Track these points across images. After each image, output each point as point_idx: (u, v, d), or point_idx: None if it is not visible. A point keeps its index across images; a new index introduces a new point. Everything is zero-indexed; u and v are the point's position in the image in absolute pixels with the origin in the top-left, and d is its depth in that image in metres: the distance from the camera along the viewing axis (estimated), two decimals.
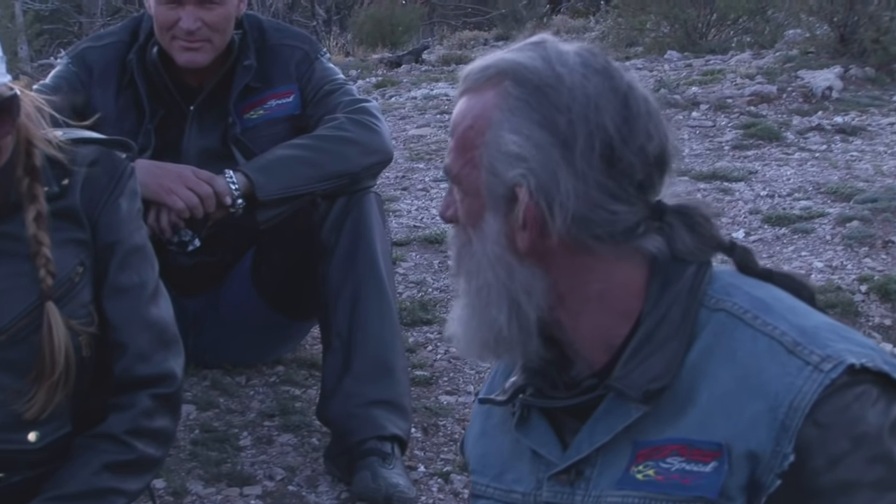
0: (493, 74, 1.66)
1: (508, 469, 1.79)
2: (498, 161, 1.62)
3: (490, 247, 1.64)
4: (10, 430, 2.39)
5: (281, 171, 3.37)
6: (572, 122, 1.61)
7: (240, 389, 3.88)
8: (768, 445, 1.52)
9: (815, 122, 7.25)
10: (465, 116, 1.68)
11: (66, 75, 3.53)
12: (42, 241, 2.35)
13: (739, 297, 1.64)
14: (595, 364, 1.68)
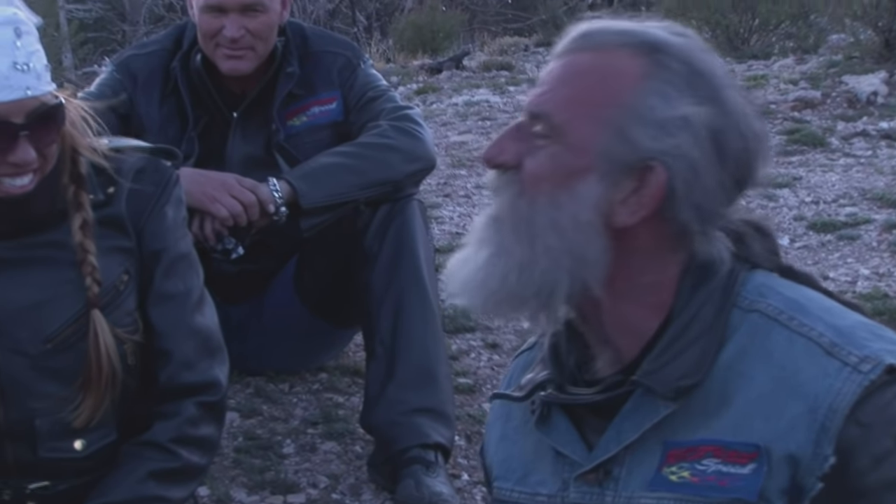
0: (635, 42, 1.61)
1: (532, 471, 1.77)
2: (638, 129, 1.57)
3: (582, 211, 1.58)
4: (57, 438, 2.40)
5: (324, 178, 3.37)
6: (725, 116, 1.59)
7: (283, 397, 3.89)
8: (808, 447, 1.50)
9: (860, 128, 7.20)
10: (591, 72, 1.62)
11: (111, 83, 3.55)
12: (88, 249, 2.36)
13: (773, 297, 1.62)
14: (623, 355, 1.66)
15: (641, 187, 1.58)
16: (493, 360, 4.20)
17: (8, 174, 2.26)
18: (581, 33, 1.66)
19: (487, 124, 8.48)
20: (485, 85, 10.48)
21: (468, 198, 6.22)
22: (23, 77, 2.19)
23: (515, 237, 1.62)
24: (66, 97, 2.36)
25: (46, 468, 2.42)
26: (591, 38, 1.64)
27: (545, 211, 1.60)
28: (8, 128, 2.21)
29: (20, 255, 2.37)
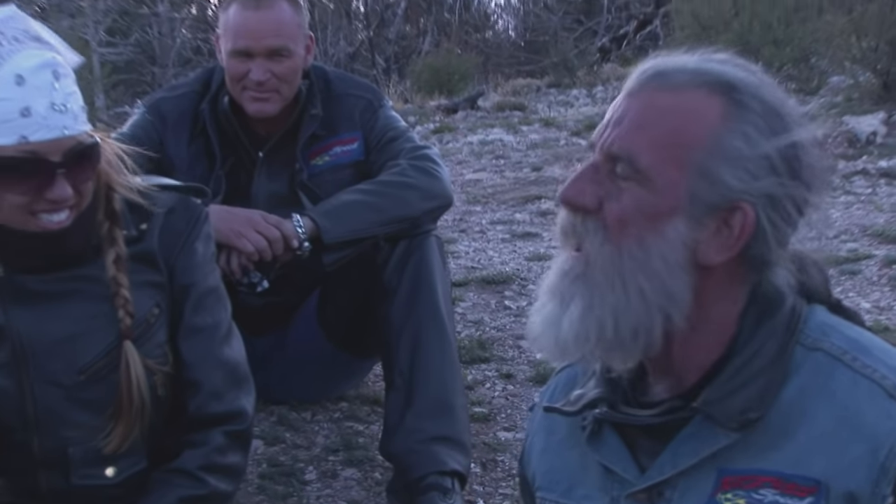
0: (710, 82, 1.58)
1: (577, 485, 1.75)
2: (724, 170, 1.54)
3: (670, 252, 1.56)
4: (90, 465, 2.41)
5: (345, 215, 3.38)
6: (799, 154, 1.57)
7: (305, 425, 3.89)
8: (867, 487, 1.49)
9: (859, 167, 7.20)
10: (671, 112, 1.57)
11: (143, 124, 3.57)
12: (121, 282, 2.37)
13: (836, 337, 1.60)
14: (683, 383, 1.64)
15: (726, 226, 1.56)
16: (507, 389, 4.20)
17: (45, 210, 2.26)
18: (655, 72, 1.62)
19: (501, 162, 8.50)
20: (498, 124, 10.51)
21: (483, 233, 6.23)
22: (60, 117, 2.20)
23: (608, 285, 1.58)
24: (101, 138, 2.37)
25: (79, 495, 2.43)
26: (666, 78, 1.60)
27: (634, 254, 1.57)
28: (46, 166, 2.21)
29: (56, 288, 2.38)
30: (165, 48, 24.05)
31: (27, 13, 2.33)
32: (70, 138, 2.23)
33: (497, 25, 29.89)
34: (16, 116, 2.17)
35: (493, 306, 4.96)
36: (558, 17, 24.28)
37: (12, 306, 2.36)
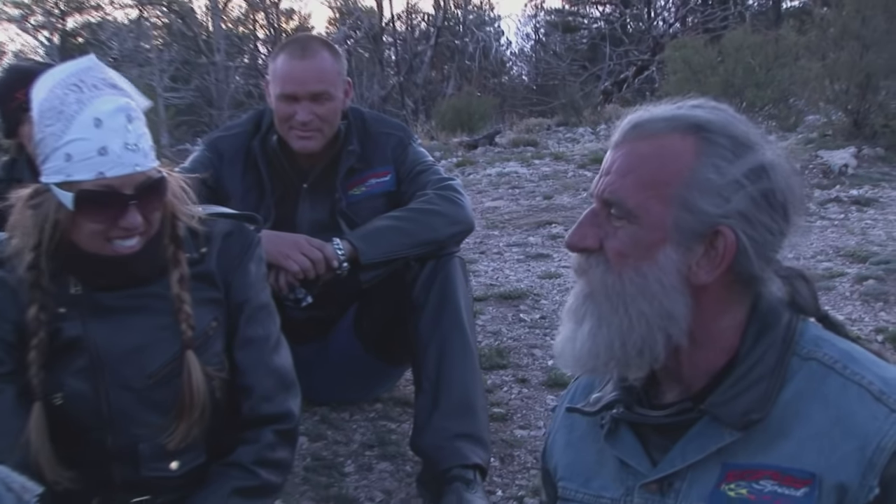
0: (682, 126, 1.61)
1: (594, 476, 1.76)
2: (702, 200, 1.57)
3: (665, 276, 1.58)
4: (157, 459, 2.41)
5: (380, 239, 3.39)
6: (770, 176, 1.59)
7: (344, 423, 3.89)
8: (856, 479, 1.50)
9: (833, 195, 7.18)
10: (650, 157, 1.60)
11: (202, 159, 3.58)
12: (184, 299, 2.38)
13: (828, 348, 1.62)
14: (691, 388, 1.66)
15: (713, 248, 1.58)
16: (522, 392, 4.18)
17: (119, 237, 2.28)
18: (633, 124, 1.65)
19: (516, 192, 8.50)
20: (514, 158, 10.51)
21: (500, 254, 6.23)
22: (132, 155, 2.22)
23: (611, 308, 1.61)
24: (167, 172, 2.38)
25: (147, 485, 2.43)
26: (643, 128, 1.63)
27: (633, 281, 1.60)
28: (120, 198, 2.23)
29: (127, 304, 2.39)
30: (221, 93, 24.17)
31: (104, 63, 2.35)
32: (141, 174, 2.24)
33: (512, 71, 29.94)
34: (94, 155, 2.19)
35: (509, 319, 4.95)
36: (566, 64, 24.31)
37: (90, 320, 2.37)
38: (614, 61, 23.17)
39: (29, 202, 2.34)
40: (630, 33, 25.79)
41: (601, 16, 28.81)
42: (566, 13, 29.45)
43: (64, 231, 2.31)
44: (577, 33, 28.00)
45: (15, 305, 2.36)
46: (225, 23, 28.83)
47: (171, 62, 24.90)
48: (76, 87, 2.23)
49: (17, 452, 2.28)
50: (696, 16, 25.28)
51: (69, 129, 2.20)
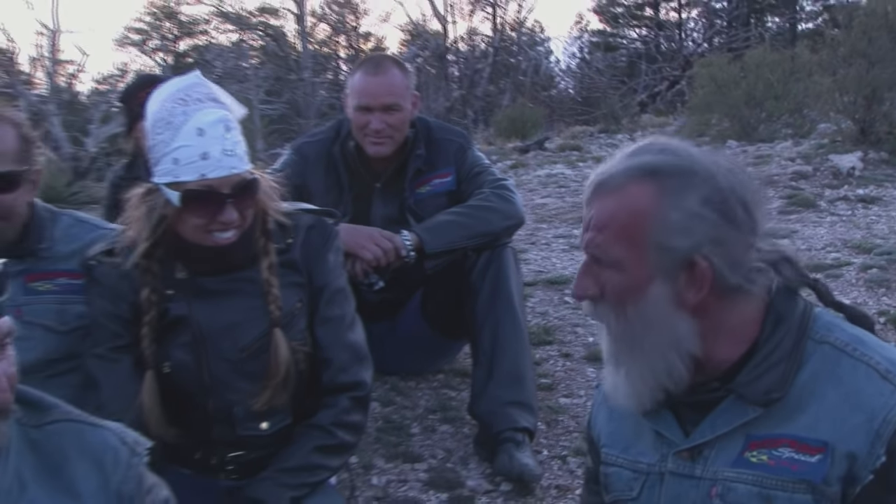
0: (637, 174, 1.59)
1: (632, 445, 1.76)
2: (670, 238, 1.55)
3: (659, 307, 1.58)
4: (250, 420, 2.43)
5: (442, 231, 3.38)
6: (725, 197, 1.57)
7: (411, 391, 3.89)
8: (865, 448, 1.49)
9: (842, 194, 7.04)
10: (618, 211, 1.58)
11: (290, 162, 3.60)
12: (272, 283, 2.39)
13: (839, 333, 1.61)
14: (717, 371, 1.64)
15: (692, 275, 1.56)
16: (566, 365, 4.16)
17: (217, 229, 2.29)
18: (596, 184, 1.64)
19: (562, 190, 8.44)
20: (561, 161, 10.44)
21: (548, 245, 6.19)
22: (229, 160, 2.23)
23: (629, 350, 1.62)
24: (259, 173, 2.39)
25: (242, 442, 2.45)
26: (604, 186, 1.62)
27: (635, 318, 1.59)
28: (218, 196, 2.25)
29: (223, 287, 2.40)
30: (308, 105, 24.31)
31: (208, 78, 2.36)
32: (237, 175, 2.25)
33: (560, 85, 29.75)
34: (197, 159, 2.20)
35: (555, 301, 4.92)
36: (607, 79, 24.10)
37: (193, 300, 2.39)
38: (649, 77, 22.92)
39: (142, 199, 2.36)
40: (663, 52, 25.50)
41: (638, 37, 28.54)
42: (607, 34, 29.22)
43: (171, 224, 2.33)
44: (617, 52, 27.75)
45: (131, 288, 2.39)
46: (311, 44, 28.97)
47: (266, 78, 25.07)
48: (182, 100, 2.25)
49: (133, 413, 2.32)
50: (722, 37, 24.94)
51: (176, 137, 2.22)
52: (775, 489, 1.54)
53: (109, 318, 2.40)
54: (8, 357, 1.48)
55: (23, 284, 2.52)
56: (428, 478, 3.22)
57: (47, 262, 2.56)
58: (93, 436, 1.61)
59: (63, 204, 6.29)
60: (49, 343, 2.53)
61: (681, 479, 1.66)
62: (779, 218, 6.53)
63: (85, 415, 1.65)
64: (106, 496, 1.57)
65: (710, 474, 1.62)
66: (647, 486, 1.72)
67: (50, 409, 1.62)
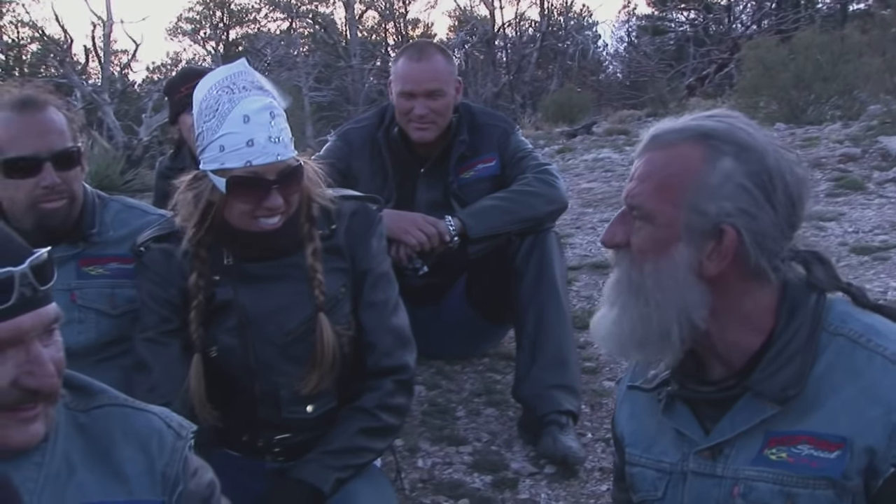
0: (692, 135, 1.59)
1: (655, 444, 1.75)
2: (707, 203, 1.55)
3: (678, 271, 1.56)
4: (295, 403, 2.44)
5: (486, 216, 3.37)
6: (772, 178, 1.56)
7: (456, 375, 3.89)
8: (884, 441, 1.47)
9: (891, 176, 6.90)
10: (663, 165, 1.59)
11: (335, 149, 3.60)
12: (317, 269, 2.39)
13: (854, 323, 1.58)
14: (731, 367, 1.62)
15: (720, 245, 1.55)
16: None
17: (263, 215, 2.31)
18: (651, 136, 1.64)
19: (609, 175, 8.38)
20: (608, 146, 10.37)
21: (594, 229, 6.15)
22: (274, 147, 2.24)
23: (633, 298, 1.61)
24: (304, 160, 2.39)
25: (288, 425, 2.46)
26: (659, 139, 1.62)
27: (651, 275, 1.58)
28: (264, 182, 2.26)
29: (269, 272, 2.42)
30: (357, 92, 24.39)
31: (255, 67, 2.37)
32: (282, 162, 2.26)
33: (608, 69, 29.55)
34: (243, 146, 2.22)
35: (600, 286, 4.88)
36: (655, 63, 23.87)
37: (239, 286, 2.41)
38: (697, 60, 22.66)
39: (190, 186, 2.38)
40: (711, 35, 25.18)
41: (686, 20, 28.20)
42: (655, 18, 28.91)
43: (218, 210, 2.35)
44: (665, 36, 27.45)
45: (179, 273, 2.42)
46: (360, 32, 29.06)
47: (315, 66, 25.20)
48: (229, 89, 2.26)
49: (182, 395, 2.35)
50: (771, 19, 24.56)
51: (223, 125, 2.24)
52: (797, 487, 1.53)
53: (159, 303, 2.43)
54: (56, 342, 1.50)
55: (76, 269, 2.57)
56: (472, 460, 3.22)
57: (99, 246, 2.60)
58: (139, 420, 1.63)
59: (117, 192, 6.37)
60: (101, 326, 2.58)
61: (703, 478, 1.65)
62: (826, 200, 6.43)
63: (131, 399, 1.67)
64: (152, 479, 1.59)
65: (732, 473, 1.61)
66: (671, 486, 1.71)
67: (97, 393, 1.64)
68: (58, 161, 2.43)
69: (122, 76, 20.56)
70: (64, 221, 2.52)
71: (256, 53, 23.85)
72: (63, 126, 2.45)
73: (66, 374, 1.55)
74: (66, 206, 2.50)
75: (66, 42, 19.40)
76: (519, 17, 28.07)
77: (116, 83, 18.69)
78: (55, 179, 2.43)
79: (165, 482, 1.60)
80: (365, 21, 32.06)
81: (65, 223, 2.52)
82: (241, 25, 33.23)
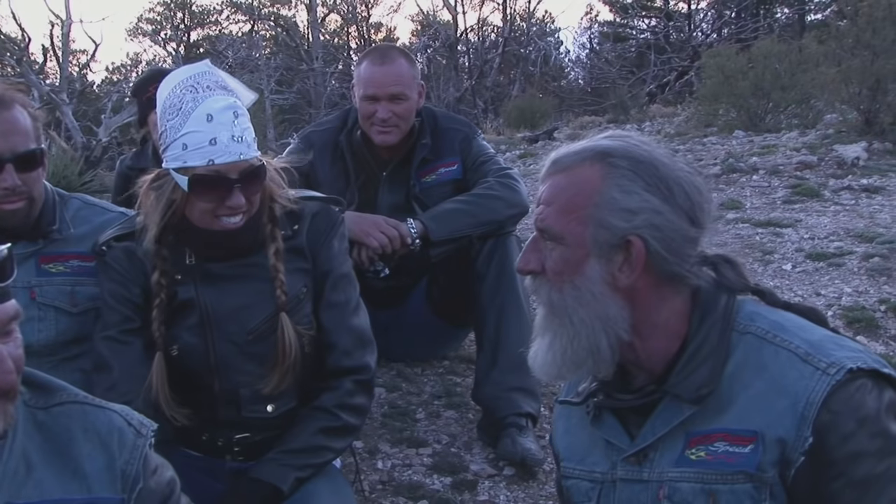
0: (590, 156, 1.65)
1: (588, 455, 1.80)
2: (611, 217, 1.60)
3: (594, 286, 1.61)
4: (255, 402, 2.45)
5: (447, 219, 3.39)
6: (669, 187, 1.61)
7: (417, 377, 3.91)
8: (792, 431, 1.52)
9: (846, 184, 7.02)
10: (567, 187, 1.64)
11: (297, 151, 3.60)
12: (279, 269, 2.40)
13: (761, 321, 1.64)
14: (654, 373, 1.68)
15: (629, 256, 1.61)
16: None
17: (225, 214, 2.31)
18: (552, 161, 1.70)
19: None
20: None
21: None
22: (237, 146, 2.25)
23: (559, 321, 1.65)
24: (267, 161, 2.40)
25: (247, 424, 2.47)
26: (559, 163, 1.68)
27: (570, 294, 1.63)
28: (226, 181, 2.26)
29: (231, 272, 2.42)
30: (319, 95, 24.31)
31: (219, 67, 2.37)
32: (244, 162, 2.27)
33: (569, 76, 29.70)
34: (206, 145, 2.23)
35: None
36: (616, 69, 24.04)
37: (201, 284, 2.41)
38: (658, 67, 22.85)
39: (152, 185, 2.38)
40: (672, 43, 25.41)
41: (647, 28, 28.43)
42: (617, 25, 29.11)
43: (180, 209, 2.35)
44: (626, 43, 27.65)
45: (141, 272, 2.42)
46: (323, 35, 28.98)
47: (277, 68, 25.08)
48: (193, 88, 2.27)
49: (143, 394, 2.34)
50: (731, 28, 24.85)
51: (186, 124, 2.24)
52: (716, 483, 1.58)
53: (120, 302, 2.43)
54: (15, 339, 1.49)
55: (36, 266, 2.56)
56: (432, 462, 3.24)
57: (59, 244, 2.59)
58: (99, 417, 1.63)
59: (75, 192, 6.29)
60: (61, 324, 2.56)
61: (631, 484, 1.70)
62: (783, 207, 6.53)
63: (91, 397, 1.67)
64: (111, 476, 1.59)
65: (657, 476, 1.66)
66: (602, 495, 1.75)
67: (57, 391, 1.63)
68: (20, 163, 2.42)
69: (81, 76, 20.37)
70: (23, 222, 2.51)
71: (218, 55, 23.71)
72: (28, 126, 2.44)
73: (25, 372, 1.55)
74: (26, 207, 2.49)
75: (24, 41, 19.18)
76: (481, 23, 28.16)
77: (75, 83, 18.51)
78: (16, 181, 2.41)
79: (125, 480, 1.60)
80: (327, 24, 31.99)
81: (24, 223, 2.51)
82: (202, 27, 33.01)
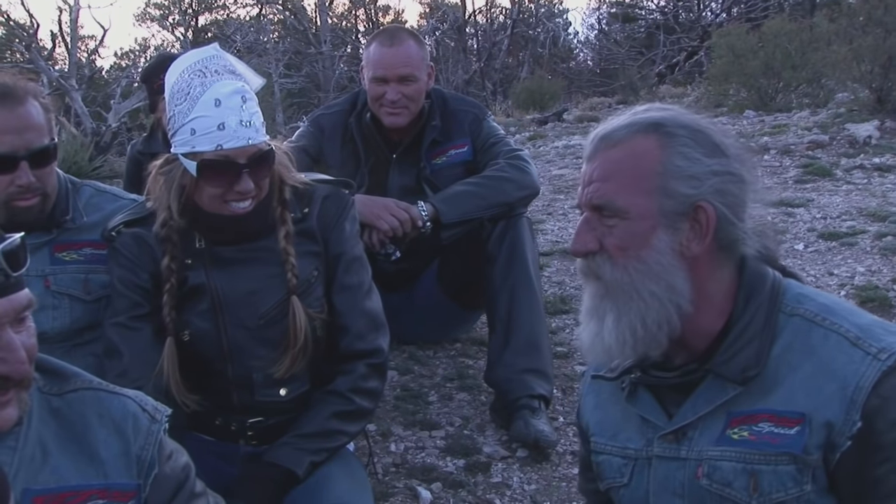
0: (642, 128, 1.62)
1: (620, 431, 1.78)
2: (678, 185, 1.58)
3: (662, 257, 1.59)
4: (268, 386, 2.45)
5: (458, 201, 3.38)
6: (725, 151, 1.61)
7: (429, 360, 3.91)
8: (840, 415, 1.51)
9: (858, 163, 6.97)
10: (624, 160, 1.61)
11: (307, 134, 3.60)
12: (289, 252, 2.40)
13: (809, 304, 1.62)
14: (695, 351, 1.65)
15: (696, 223, 1.59)
16: None
17: (234, 199, 2.31)
18: (600, 137, 1.66)
19: (579, 161, 8.37)
20: (579, 133, 10.38)
21: (565, 215, 6.18)
22: (246, 131, 2.24)
23: (626, 297, 1.61)
24: (276, 145, 2.39)
25: (261, 408, 2.47)
26: (609, 138, 1.65)
27: (637, 269, 1.60)
28: (235, 166, 2.26)
29: (242, 256, 2.42)
30: (328, 78, 24.25)
31: (227, 51, 2.37)
32: (253, 146, 2.26)
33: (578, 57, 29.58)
34: (214, 129, 2.22)
35: (571, 271, 4.91)
36: (625, 50, 23.93)
37: (211, 269, 2.41)
38: (667, 47, 22.72)
39: (161, 170, 2.38)
40: (681, 23, 25.25)
41: (656, 8, 28.26)
42: (626, 5, 28.95)
43: (189, 194, 2.35)
44: (635, 23, 27.49)
45: (151, 258, 2.41)
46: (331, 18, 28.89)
47: (285, 52, 25.03)
48: (201, 72, 2.26)
49: (154, 380, 2.34)
50: (741, 7, 24.68)
51: (194, 108, 2.24)
52: (759, 463, 1.56)
53: (130, 288, 2.42)
54: (28, 328, 1.49)
55: (50, 254, 2.56)
56: (445, 445, 3.24)
57: (72, 232, 2.58)
58: (113, 403, 1.63)
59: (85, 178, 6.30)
60: (76, 312, 2.57)
61: (667, 461, 1.68)
62: (795, 187, 6.49)
63: (105, 383, 1.67)
64: (127, 462, 1.59)
65: (696, 454, 1.64)
66: (636, 472, 1.74)
67: (71, 377, 1.63)
68: (34, 159, 2.41)
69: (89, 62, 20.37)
70: (37, 217, 2.50)
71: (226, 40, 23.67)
72: (41, 121, 2.42)
73: (39, 359, 1.55)
74: (40, 202, 2.48)
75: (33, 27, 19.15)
76: (490, 5, 28.02)
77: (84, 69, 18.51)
78: (31, 178, 2.41)
79: (140, 465, 1.60)
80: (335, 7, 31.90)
81: (38, 218, 2.51)
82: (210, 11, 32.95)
